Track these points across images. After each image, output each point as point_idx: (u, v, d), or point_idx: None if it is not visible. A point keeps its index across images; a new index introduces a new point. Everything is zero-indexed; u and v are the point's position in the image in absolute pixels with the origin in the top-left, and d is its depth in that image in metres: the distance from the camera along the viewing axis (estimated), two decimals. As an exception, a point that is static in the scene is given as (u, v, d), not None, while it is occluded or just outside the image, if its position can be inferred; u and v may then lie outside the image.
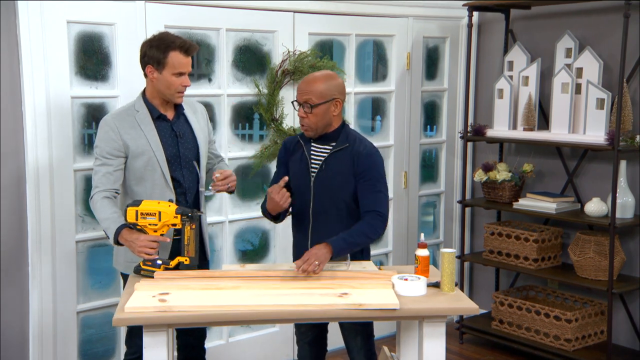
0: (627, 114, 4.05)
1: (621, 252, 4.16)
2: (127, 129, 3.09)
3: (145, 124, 3.12)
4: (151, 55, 3.06)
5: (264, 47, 4.20)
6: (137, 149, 3.08)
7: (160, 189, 3.13)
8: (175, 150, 3.17)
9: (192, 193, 3.24)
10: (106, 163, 3.07)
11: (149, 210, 2.93)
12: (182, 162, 3.19)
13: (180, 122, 3.21)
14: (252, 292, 2.77)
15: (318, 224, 3.11)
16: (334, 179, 3.06)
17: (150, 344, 2.63)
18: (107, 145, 3.07)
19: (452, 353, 4.62)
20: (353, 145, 3.09)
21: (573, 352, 4.18)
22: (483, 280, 5.15)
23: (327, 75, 3.09)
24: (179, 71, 3.07)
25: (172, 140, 3.17)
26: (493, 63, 4.96)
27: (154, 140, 3.11)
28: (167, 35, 3.10)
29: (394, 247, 4.88)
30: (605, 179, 4.34)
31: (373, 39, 4.76)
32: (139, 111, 3.13)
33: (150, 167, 3.11)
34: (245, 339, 4.31)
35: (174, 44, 3.05)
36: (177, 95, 3.13)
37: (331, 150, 3.09)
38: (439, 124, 5.13)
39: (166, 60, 3.04)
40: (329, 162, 3.08)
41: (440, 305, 2.76)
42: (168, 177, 3.13)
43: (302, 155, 3.14)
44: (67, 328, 3.61)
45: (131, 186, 3.14)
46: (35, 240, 3.46)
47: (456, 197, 5.11)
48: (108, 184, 3.05)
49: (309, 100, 3.02)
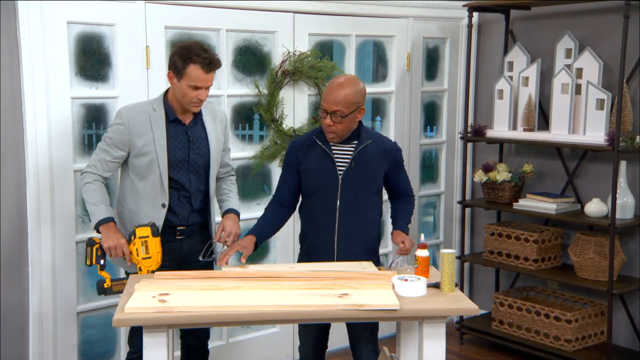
0: (627, 114, 4.05)
1: (621, 252, 4.16)
2: (137, 127, 3.11)
3: (157, 125, 3.13)
4: (174, 61, 3.08)
5: (264, 47, 4.20)
6: (142, 149, 3.11)
7: (156, 190, 3.16)
8: (184, 155, 3.18)
9: (198, 199, 3.25)
10: (107, 151, 3.14)
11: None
12: (190, 166, 3.20)
13: (196, 127, 3.23)
14: (252, 292, 2.77)
15: (346, 217, 3.18)
16: (366, 174, 3.18)
17: (150, 344, 2.63)
18: (115, 136, 3.13)
19: (452, 354, 4.62)
20: (376, 141, 3.23)
21: (573, 353, 4.18)
22: (483, 280, 5.15)
23: (352, 82, 3.14)
24: (195, 85, 3.06)
25: (184, 144, 3.18)
26: (493, 63, 4.96)
27: (160, 143, 3.12)
28: (193, 47, 3.07)
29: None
30: (605, 180, 4.34)
31: (373, 39, 4.76)
32: (156, 110, 3.15)
33: (151, 167, 3.13)
34: (246, 339, 4.31)
35: (197, 57, 3.03)
36: (193, 105, 3.13)
37: (356, 147, 3.17)
38: (439, 124, 5.13)
39: (185, 72, 3.04)
40: (358, 158, 3.17)
41: (441, 305, 2.76)
42: (165, 181, 3.14)
43: (324, 153, 3.18)
44: (67, 328, 3.61)
45: (134, 180, 3.18)
46: (35, 240, 3.46)
47: (456, 198, 5.11)
48: (100, 170, 3.14)
49: (339, 112, 3.08)
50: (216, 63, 3.08)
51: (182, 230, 3.24)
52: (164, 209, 3.16)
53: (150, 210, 3.15)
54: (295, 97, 4.29)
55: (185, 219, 3.23)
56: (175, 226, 3.22)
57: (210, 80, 3.11)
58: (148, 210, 3.15)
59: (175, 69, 3.07)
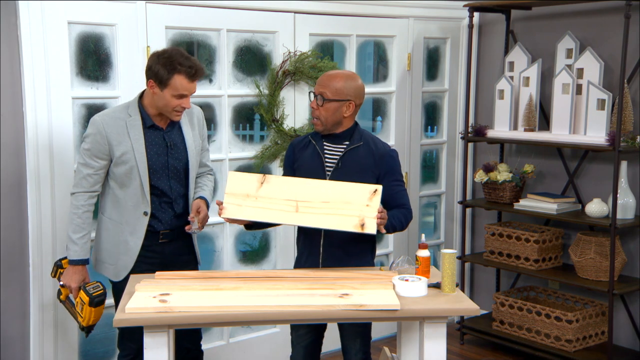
0: (628, 114, 4.04)
1: (622, 252, 4.16)
2: (114, 135, 3.05)
3: (135, 132, 3.07)
4: (156, 71, 2.99)
5: (264, 47, 4.20)
6: (120, 157, 3.06)
7: (137, 199, 3.12)
8: (164, 161, 3.14)
9: (180, 203, 3.22)
10: (88, 164, 3.07)
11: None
12: (170, 172, 3.16)
13: (173, 132, 3.18)
14: (252, 292, 2.77)
15: None
16: (352, 175, 3.05)
17: (150, 344, 2.63)
18: (92, 147, 3.06)
19: (453, 354, 4.62)
20: (368, 144, 3.12)
21: (574, 353, 4.17)
22: (484, 281, 5.15)
23: (348, 75, 3.11)
24: (180, 93, 3.02)
25: (162, 150, 3.14)
26: (494, 64, 4.96)
27: (139, 150, 3.07)
28: (176, 56, 2.99)
29: (395, 247, 4.87)
30: (606, 180, 4.34)
31: (374, 39, 4.76)
32: (132, 116, 3.09)
33: (131, 175, 3.08)
34: (246, 339, 4.31)
35: (181, 67, 2.97)
36: (175, 114, 3.08)
37: (346, 148, 3.10)
38: (439, 124, 5.13)
39: (169, 82, 2.99)
40: (345, 159, 3.09)
41: (441, 306, 2.76)
42: (147, 189, 3.10)
43: (315, 152, 3.14)
44: (68, 328, 3.61)
45: (114, 188, 3.13)
46: (35, 240, 3.46)
47: (457, 198, 5.11)
48: (87, 185, 3.09)
49: (323, 94, 3.05)
50: (201, 72, 3.04)
51: (165, 234, 3.19)
52: (146, 217, 3.12)
53: (132, 219, 3.12)
54: (296, 97, 4.29)
55: (168, 224, 3.19)
56: (158, 231, 3.18)
57: (195, 88, 3.06)
58: (130, 219, 3.12)
59: (158, 78, 2.99)
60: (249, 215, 3.00)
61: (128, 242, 3.13)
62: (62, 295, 3.22)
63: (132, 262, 3.15)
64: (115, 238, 3.15)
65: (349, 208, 2.91)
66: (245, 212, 3.00)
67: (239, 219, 3.03)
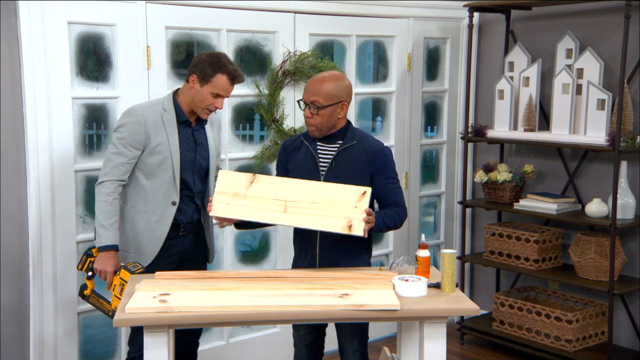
0: (628, 114, 4.05)
1: (622, 252, 4.16)
2: (152, 125, 3.18)
3: (170, 125, 3.20)
4: (202, 67, 3.16)
5: (264, 47, 4.20)
6: (156, 147, 3.18)
7: (167, 188, 3.22)
8: (192, 156, 3.27)
9: (199, 198, 3.35)
10: (123, 153, 3.16)
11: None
12: (195, 168, 3.29)
13: (200, 131, 3.32)
14: (252, 292, 2.77)
15: None
16: (346, 174, 3.05)
17: (150, 344, 2.63)
18: (128, 135, 3.15)
19: (453, 354, 4.62)
20: (361, 142, 3.11)
21: (574, 353, 4.18)
22: (484, 281, 5.15)
23: (335, 76, 3.09)
24: (217, 92, 3.17)
25: (192, 146, 3.27)
26: (494, 64, 4.96)
27: (174, 143, 3.20)
28: (223, 58, 3.20)
29: (395, 247, 4.88)
30: (606, 180, 4.34)
31: (374, 39, 4.76)
32: (167, 111, 3.22)
33: (163, 166, 3.19)
34: (246, 339, 4.31)
35: (226, 68, 3.16)
36: (205, 112, 3.23)
37: (339, 147, 3.09)
38: (439, 124, 5.13)
39: (212, 79, 3.15)
40: (339, 159, 3.08)
41: (441, 306, 2.76)
42: (178, 180, 3.22)
43: (308, 152, 3.13)
44: (68, 329, 3.61)
45: (140, 178, 3.22)
46: (36, 240, 3.46)
47: (457, 198, 5.11)
48: (118, 174, 3.17)
49: (316, 102, 3.02)
50: (241, 78, 3.24)
51: (186, 226, 3.31)
52: (174, 206, 3.23)
53: (160, 208, 3.22)
54: (296, 98, 4.29)
55: (190, 217, 3.31)
56: (180, 224, 3.28)
57: (230, 92, 3.23)
58: (157, 208, 3.22)
59: (202, 74, 3.15)
60: (237, 214, 3.03)
61: (154, 230, 3.22)
62: (87, 290, 3.24)
63: (156, 250, 3.22)
64: (140, 227, 3.22)
65: (337, 209, 2.92)
66: (233, 211, 3.02)
67: (226, 217, 3.05)
